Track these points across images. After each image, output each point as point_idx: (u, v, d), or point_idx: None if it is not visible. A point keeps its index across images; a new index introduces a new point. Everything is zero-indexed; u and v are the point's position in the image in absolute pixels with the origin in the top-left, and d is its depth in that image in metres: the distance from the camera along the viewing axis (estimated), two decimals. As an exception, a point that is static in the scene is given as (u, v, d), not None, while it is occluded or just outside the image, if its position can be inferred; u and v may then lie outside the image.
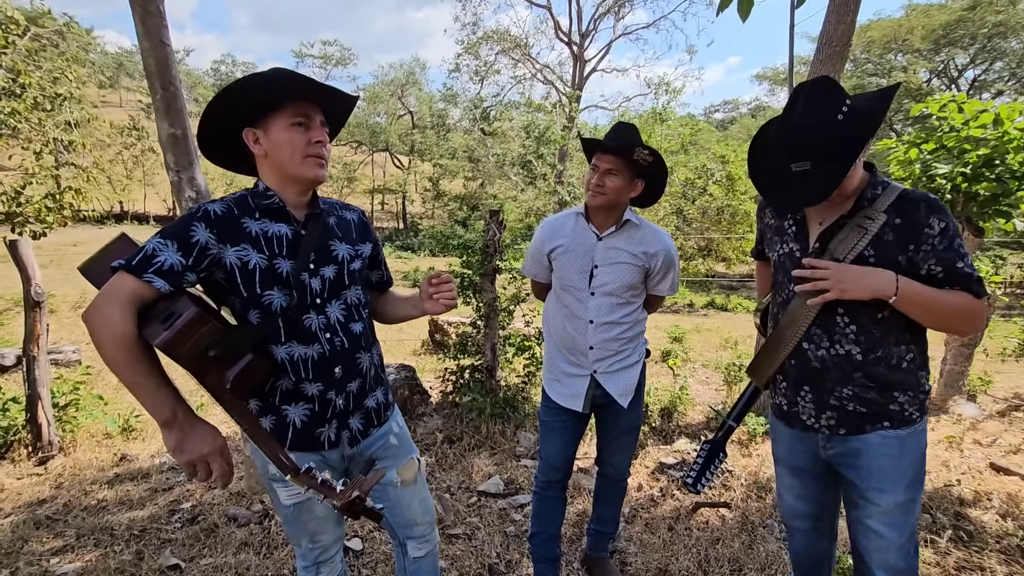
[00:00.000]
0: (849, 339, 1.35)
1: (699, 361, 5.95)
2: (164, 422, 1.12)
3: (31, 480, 3.14)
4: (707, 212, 15.56)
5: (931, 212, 1.25)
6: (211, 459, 1.16)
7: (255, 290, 1.22)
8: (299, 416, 1.31)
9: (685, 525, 2.58)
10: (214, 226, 1.19)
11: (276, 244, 1.26)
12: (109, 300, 1.09)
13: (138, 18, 2.11)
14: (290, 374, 1.28)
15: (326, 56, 33.93)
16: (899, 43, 24.50)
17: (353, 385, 1.37)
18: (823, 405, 1.41)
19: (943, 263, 1.25)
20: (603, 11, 25.96)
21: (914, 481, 1.37)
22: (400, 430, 1.53)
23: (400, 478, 1.49)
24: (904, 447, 1.35)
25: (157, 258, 1.12)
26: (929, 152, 3.84)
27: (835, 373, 1.38)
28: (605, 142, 1.76)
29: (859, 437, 1.38)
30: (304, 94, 1.23)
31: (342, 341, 1.33)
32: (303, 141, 1.24)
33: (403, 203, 32.77)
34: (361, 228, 1.46)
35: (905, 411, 1.35)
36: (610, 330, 1.90)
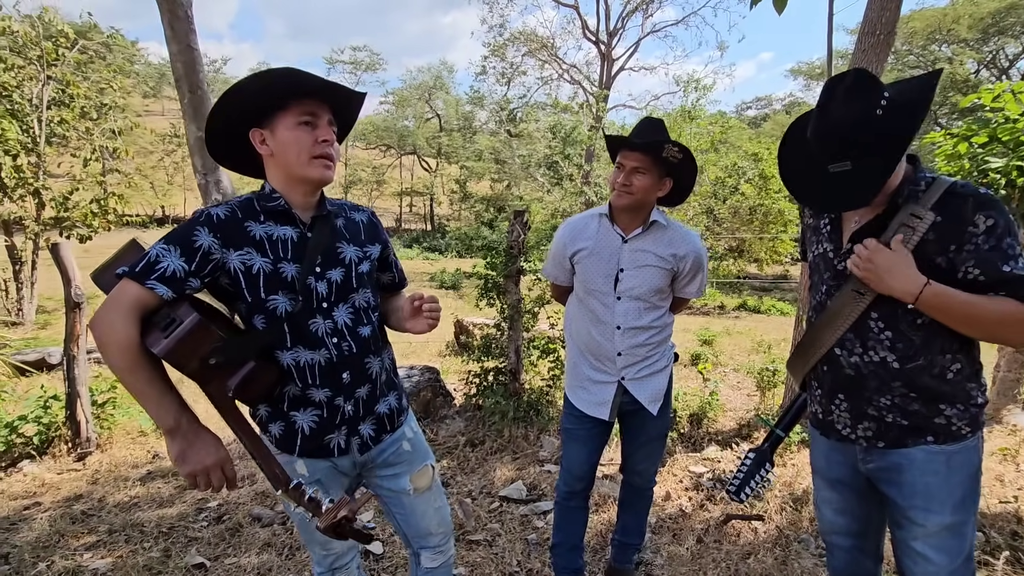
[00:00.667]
0: (884, 345, 1.24)
1: (730, 365, 5.77)
2: (168, 430, 1.12)
3: (70, 475, 3.25)
4: (738, 212, 15.15)
5: (979, 208, 1.12)
6: (213, 471, 1.15)
7: (259, 295, 1.21)
8: (308, 422, 1.29)
9: (715, 537, 2.47)
10: (217, 230, 1.18)
11: (281, 247, 1.24)
12: (112, 308, 1.09)
13: (166, 22, 2.14)
14: (296, 380, 1.26)
15: (356, 61, 34.52)
16: (944, 33, 23.42)
17: (362, 391, 1.34)
18: (860, 415, 1.31)
19: (985, 265, 1.12)
20: (631, 9, 25.66)
21: (965, 501, 1.24)
22: (414, 435, 1.49)
23: (413, 486, 1.45)
24: (952, 464, 1.23)
25: (160, 264, 1.12)
26: (980, 145, 3.62)
27: (872, 381, 1.27)
28: (632, 139, 1.69)
29: (900, 451, 1.26)
30: (310, 92, 1.21)
31: (350, 345, 1.31)
32: (309, 140, 1.21)
33: (431, 205, 33.06)
34: (370, 229, 1.43)
35: (953, 425, 1.22)
36: (638, 335, 1.83)
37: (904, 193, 1.22)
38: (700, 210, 15.15)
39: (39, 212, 8.68)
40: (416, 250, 24.61)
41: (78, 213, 9.04)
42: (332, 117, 1.27)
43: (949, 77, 21.61)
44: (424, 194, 32.86)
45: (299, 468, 1.33)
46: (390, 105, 34.09)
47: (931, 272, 1.16)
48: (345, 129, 1.38)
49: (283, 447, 1.31)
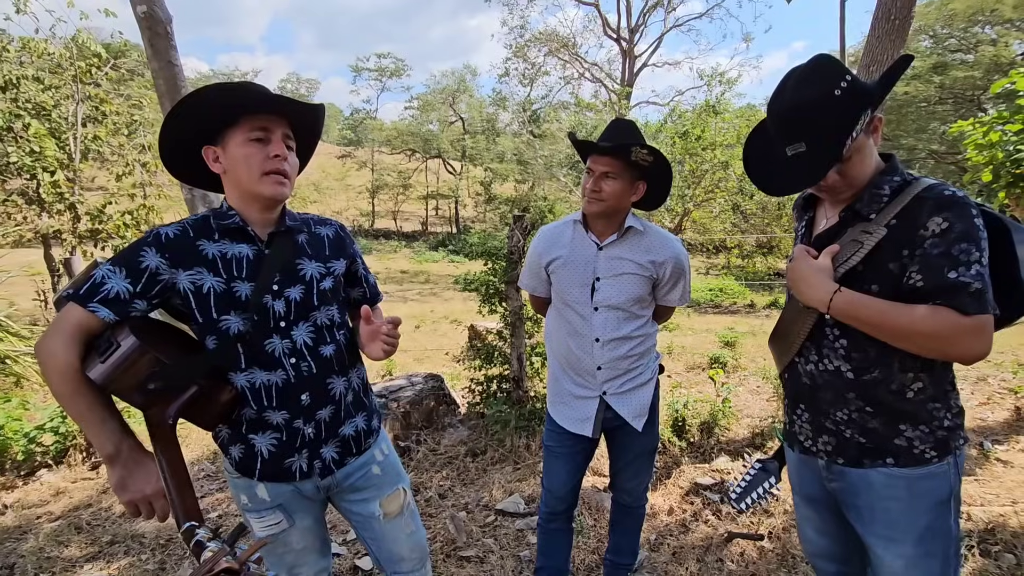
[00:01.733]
0: (839, 354, 1.19)
1: (751, 368, 5.56)
2: (107, 457, 1.09)
3: (82, 484, 3.33)
4: (767, 207, 14.70)
5: (936, 210, 1.05)
6: (154, 499, 1.11)
7: (211, 315, 1.17)
8: (266, 446, 1.25)
9: (717, 557, 2.35)
10: (166, 250, 1.15)
11: (235, 266, 1.20)
12: (54, 332, 1.07)
13: (146, 40, 2.16)
14: (252, 403, 1.22)
15: (381, 68, 35.02)
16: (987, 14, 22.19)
17: (324, 412, 1.29)
18: (819, 428, 1.25)
19: (927, 271, 1.04)
20: (653, 4, 25.24)
21: (930, 532, 1.14)
22: (385, 458, 1.44)
23: (383, 511, 1.40)
24: (916, 491, 1.14)
25: (104, 286, 1.09)
26: (1015, 133, 3.37)
27: (827, 392, 1.22)
28: (599, 143, 1.61)
29: (859, 472, 1.19)
30: (260, 106, 1.17)
31: (310, 366, 1.26)
32: (260, 156, 1.17)
33: (456, 208, 33.24)
34: (336, 243, 1.37)
35: (915, 448, 1.14)
36: (618, 347, 1.74)
37: (864, 198, 1.16)
38: (727, 206, 14.77)
39: (75, 225, 9.08)
40: (442, 253, 24.77)
41: (112, 225, 9.42)
42: (289, 131, 1.23)
43: (993, 60, 20.47)
44: (449, 197, 33.05)
45: (260, 492, 1.29)
46: (415, 110, 34.45)
47: (884, 281, 1.10)
48: (309, 142, 1.34)
49: (243, 471, 1.28)
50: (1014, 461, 3.14)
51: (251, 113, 1.16)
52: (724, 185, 14.24)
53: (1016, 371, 4.74)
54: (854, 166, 1.14)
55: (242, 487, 1.29)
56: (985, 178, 3.55)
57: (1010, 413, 3.90)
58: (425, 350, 6.83)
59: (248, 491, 1.29)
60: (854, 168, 1.14)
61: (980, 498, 2.74)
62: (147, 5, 2.13)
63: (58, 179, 8.75)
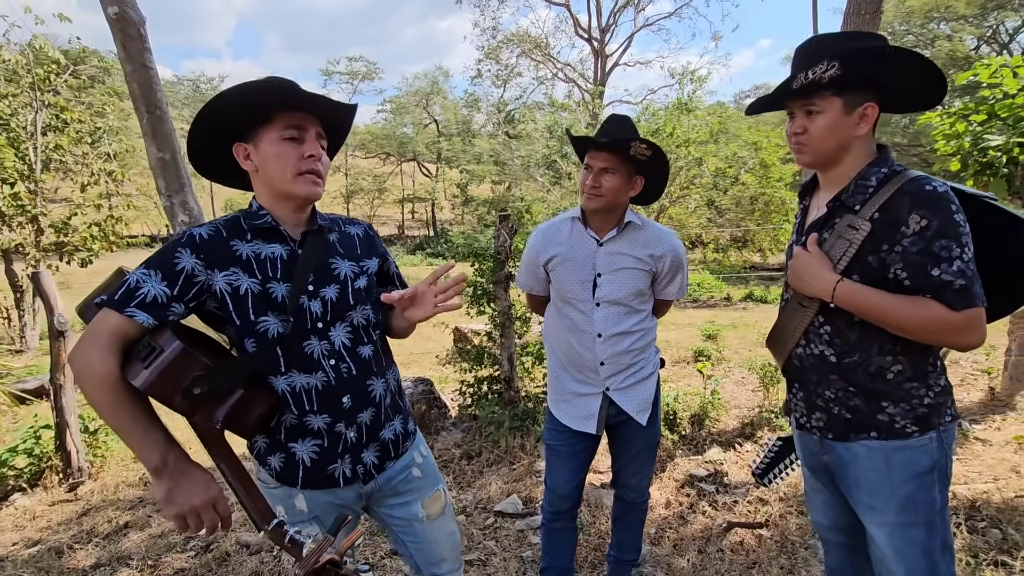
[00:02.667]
0: (823, 339, 1.26)
1: (734, 360, 5.65)
2: (153, 470, 1.04)
3: (61, 507, 3.20)
4: (740, 202, 14.99)
5: (914, 207, 1.09)
6: (204, 510, 1.07)
7: (248, 317, 1.14)
8: (308, 453, 1.21)
9: (717, 547, 2.37)
10: (200, 251, 1.11)
11: (270, 266, 1.16)
12: (90, 340, 1.02)
13: (119, 42, 2.08)
14: (292, 407, 1.18)
15: (352, 72, 34.61)
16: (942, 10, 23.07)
17: (365, 415, 1.25)
18: (811, 405, 1.33)
19: (911, 269, 1.09)
20: (622, 4, 25.53)
21: (911, 503, 1.19)
22: (424, 460, 1.41)
23: (426, 512, 1.37)
24: (892, 461, 1.21)
25: (140, 290, 1.05)
26: (979, 123, 3.49)
27: (812, 374, 1.30)
28: (597, 138, 1.60)
29: (845, 445, 1.27)
30: (295, 104, 1.14)
31: (349, 367, 1.22)
32: (295, 156, 1.14)
33: (432, 211, 33.07)
34: (366, 242, 1.35)
35: (896, 423, 1.20)
36: (620, 342, 1.73)
37: (851, 188, 1.20)
38: (702, 202, 15.00)
39: (38, 238, 8.72)
40: (420, 256, 24.60)
41: (78, 237, 9.08)
42: (321, 130, 1.20)
43: (949, 55, 21.26)
44: (426, 200, 32.86)
45: (299, 503, 1.25)
46: (388, 113, 34.14)
47: (863, 271, 1.16)
48: (336, 142, 1.32)
49: (284, 480, 1.23)
50: (992, 440, 3.25)
51: (285, 111, 1.14)
52: (699, 181, 14.47)
53: (989, 352, 4.91)
54: (818, 125, 1.19)
55: (280, 497, 1.25)
56: (953, 167, 3.66)
57: (984, 394, 4.04)
58: (411, 354, 6.76)
59: (286, 502, 1.25)
60: (817, 127, 1.19)
61: (963, 476, 2.82)
62: (119, 6, 2.05)
63: (19, 191, 8.41)
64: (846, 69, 1.12)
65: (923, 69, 1.15)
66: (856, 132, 1.19)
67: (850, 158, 1.22)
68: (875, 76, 1.16)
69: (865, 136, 1.20)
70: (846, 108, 1.17)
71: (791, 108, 1.26)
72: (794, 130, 1.24)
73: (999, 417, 3.56)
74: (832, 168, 1.26)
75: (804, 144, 1.23)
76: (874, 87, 1.17)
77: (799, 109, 1.23)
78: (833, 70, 1.12)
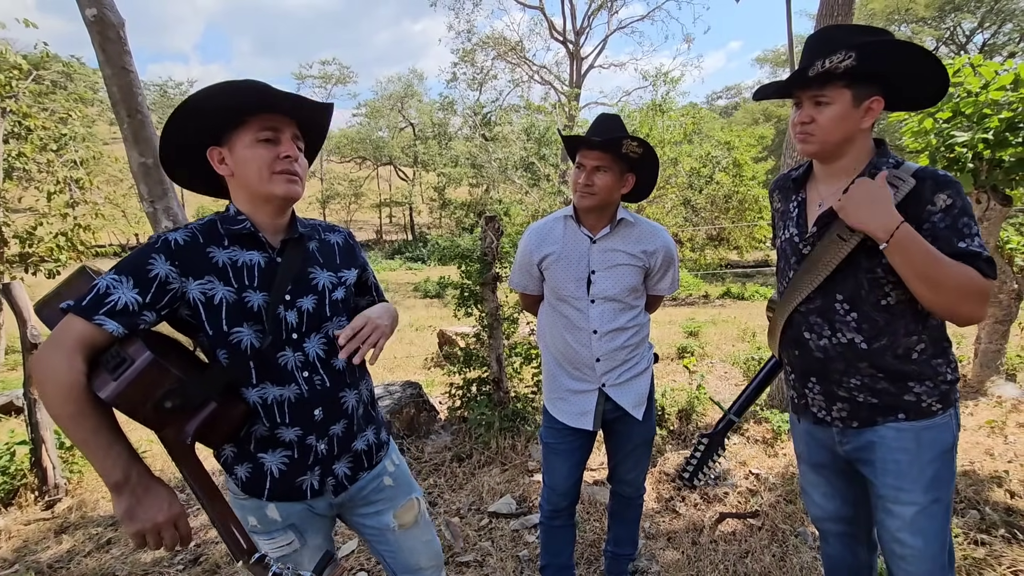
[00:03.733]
0: (851, 327, 1.26)
1: (716, 356, 5.75)
2: (114, 485, 1.00)
3: (37, 526, 3.08)
4: (715, 201, 15.27)
5: (938, 188, 1.15)
6: (164, 528, 1.03)
7: (222, 327, 1.10)
8: (277, 464, 1.19)
9: (710, 538, 2.41)
10: (176, 258, 1.08)
11: (247, 274, 1.13)
12: (54, 347, 0.98)
13: (97, 45, 2.03)
14: (264, 419, 1.15)
15: (326, 75, 34.22)
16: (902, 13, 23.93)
17: (337, 427, 1.23)
18: (832, 396, 1.32)
19: (941, 242, 1.13)
20: (596, 7, 25.80)
21: (936, 481, 1.23)
22: (396, 469, 1.40)
23: (398, 522, 1.36)
24: (922, 441, 1.23)
25: (110, 297, 1.01)
26: (945, 120, 3.63)
27: (839, 363, 1.28)
28: (589, 137, 1.62)
29: (872, 430, 1.27)
30: (269, 106, 1.11)
31: (323, 379, 1.20)
32: (270, 157, 1.11)
33: (410, 214, 32.86)
34: (346, 252, 1.33)
35: (923, 402, 1.23)
36: (616, 338, 1.76)
37: (865, 174, 1.23)
38: (678, 201, 15.24)
39: (1, 250, 8.40)
40: (399, 261, 24.41)
41: (44, 248, 8.76)
42: (297, 132, 1.17)
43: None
44: (403, 204, 32.63)
45: (270, 513, 1.23)
46: (363, 117, 33.83)
47: None
48: (314, 143, 1.29)
49: (251, 491, 1.21)
50: (966, 424, 3.38)
51: (258, 113, 1.11)
52: (674, 181, 14.70)
53: (959, 342, 5.10)
54: (826, 116, 1.20)
55: (250, 508, 1.22)
56: (922, 163, 3.81)
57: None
58: (395, 359, 6.71)
59: (257, 512, 1.23)
60: (825, 117, 1.20)
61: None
62: (97, 8, 2.00)
63: (-21, 201, 8.09)
64: (862, 61, 1.14)
65: (931, 66, 1.18)
66: (861, 125, 1.21)
67: (853, 151, 1.25)
68: (887, 70, 1.18)
69: (867, 130, 1.24)
70: (855, 100, 1.19)
71: (799, 97, 1.25)
72: (801, 119, 1.24)
73: (971, 403, 3.70)
74: (835, 160, 1.27)
75: (811, 134, 1.23)
76: (881, 82, 1.20)
77: (808, 99, 1.23)
78: (849, 60, 1.13)
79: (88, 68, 26.85)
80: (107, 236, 20.55)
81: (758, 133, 17.06)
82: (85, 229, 9.20)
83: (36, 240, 8.70)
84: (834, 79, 1.18)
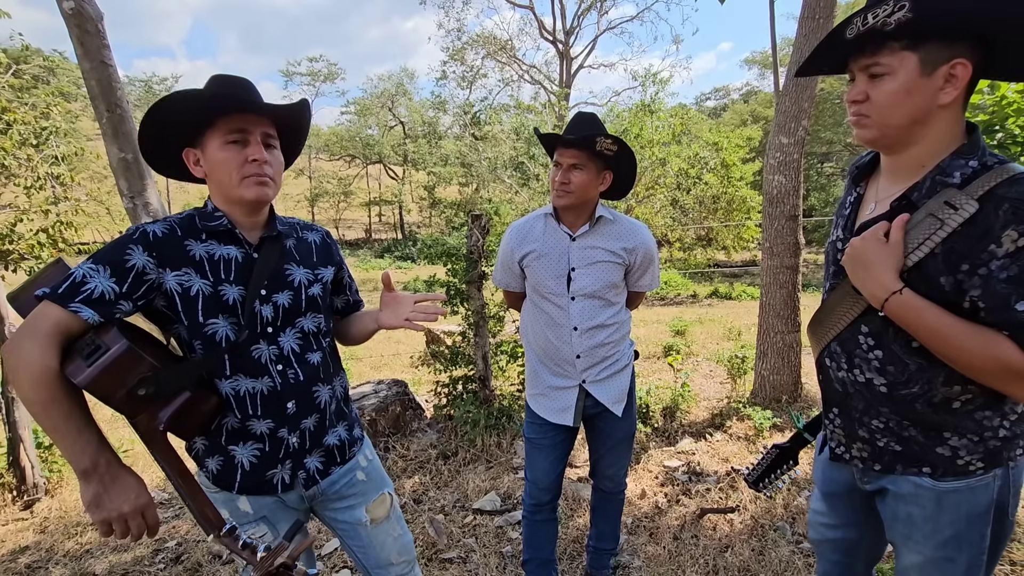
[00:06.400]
0: (872, 366, 1.02)
1: (703, 354, 5.80)
2: (82, 472, 1.01)
3: (15, 526, 3.04)
4: (703, 201, 15.39)
5: (1013, 220, 0.81)
6: (131, 517, 1.04)
7: (197, 319, 1.12)
8: (248, 457, 1.20)
9: (692, 533, 2.44)
10: (153, 248, 1.09)
11: (223, 268, 1.15)
12: (28, 333, 0.98)
13: (75, 38, 2.01)
14: (236, 411, 1.17)
15: (314, 73, 33.94)
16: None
17: (309, 421, 1.25)
18: (852, 435, 1.11)
19: (993, 300, 0.84)
20: (586, 7, 25.88)
21: (955, 541, 1.01)
22: (369, 464, 1.41)
23: (370, 516, 1.37)
24: (944, 504, 1.00)
25: (87, 285, 1.02)
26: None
27: (858, 402, 1.07)
28: (564, 135, 1.64)
29: (891, 478, 1.07)
30: (235, 108, 1.12)
31: (296, 373, 1.22)
32: (238, 160, 1.13)
33: (400, 213, 32.74)
34: (323, 250, 1.35)
35: (959, 459, 0.98)
36: (596, 335, 1.78)
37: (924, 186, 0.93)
38: (666, 201, 15.33)
39: (-20, 247, 8.25)
40: (388, 260, 24.31)
41: (24, 245, 8.62)
42: (271, 130, 1.18)
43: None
44: (392, 202, 32.50)
45: (242, 506, 1.23)
46: (352, 115, 33.62)
47: (933, 296, 0.91)
48: (295, 141, 1.30)
49: (221, 484, 1.22)
50: None
51: (224, 115, 1.12)
52: (663, 181, 14.79)
53: None
54: (883, 91, 0.91)
55: (221, 501, 1.23)
56: None
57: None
58: (382, 356, 6.69)
59: (229, 504, 1.24)
60: (882, 93, 0.91)
61: None
62: (74, 1, 1.98)
63: (-43, 197, 7.93)
64: (921, 11, 0.82)
65: None
66: (939, 100, 0.89)
67: (928, 138, 0.93)
68: (968, 20, 0.83)
69: (951, 107, 0.90)
70: (923, 67, 0.87)
71: (850, 68, 0.96)
72: (853, 97, 0.96)
73: None
74: (903, 149, 0.96)
75: (865, 115, 0.94)
76: (968, 37, 0.86)
77: (859, 69, 0.94)
78: (902, 12, 0.82)
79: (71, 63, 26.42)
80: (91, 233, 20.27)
81: (746, 134, 17.20)
82: (67, 226, 9.07)
83: (16, 237, 8.56)
84: (889, 40, 0.87)
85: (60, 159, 10.03)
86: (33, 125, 9.46)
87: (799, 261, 3.75)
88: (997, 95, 3.23)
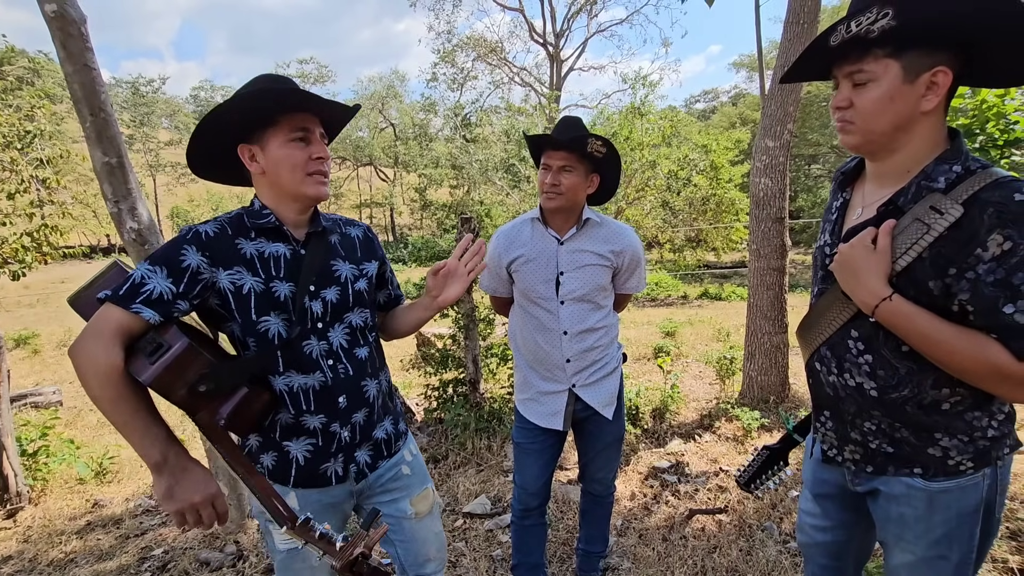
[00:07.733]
0: (862, 371, 1.04)
1: (692, 355, 5.84)
2: (154, 466, 1.04)
3: (0, 535, 2.99)
4: (693, 203, 15.49)
5: (999, 223, 0.83)
6: (202, 507, 1.07)
7: (251, 316, 1.15)
8: (302, 452, 1.23)
9: (680, 534, 2.45)
10: (206, 248, 1.12)
11: (273, 265, 1.18)
12: (93, 335, 1.02)
13: (58, 42, 1.99)
14: (289, 407, 1.20)
15: (303, 75, 33.78)
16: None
17: (359, 415, 1.28)
18: (844, 437, 1.13)
19: (981, 302, 0.86)
20: (576, 10, 26.00)
21: (946, 539, 1.03)
22: (413, 458, 1.44)
23: (415, 510, 1.39)
24: (936, 504, 1.02)
25: (146, 286, 1.05)
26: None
27: (849, 406, 1.09)
28: (555, 137, 1.65)
29: (883, 479, 1.09)
30: (301, 106, 1.16)
31: (346, 368, 1.25)
32: (303, 157, 1.16)
33: (391, 215, 32.65)
34: (366, 245, 1.38)
35: (950, 459, 1.00)
36: (586, 338, 1.78)
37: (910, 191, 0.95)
38: (656, 203, 15.42)
39: (-38, 251, 8.11)
40: (379, 262, 24.20)
41: (8, 249, 8.49)
42: (323, 130, 1.22)
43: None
44: (384, 205, 32.41)
45: (290, 502, 1.25)
46: (342, 117, 33.43)
47: (922, 300, 0.93)
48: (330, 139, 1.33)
49: (276, 478, 1.24)
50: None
51: (290, 113, 1.15)
52: (653, 183, 14.87)
53: None
54: (867, 98, 0.93)
55: None
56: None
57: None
58: (372, 361, 6.66)
59: None
60: (866, 100, 0.93)
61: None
62: (57, 4, 1.96)
63: (-62, 201, 7.80)
64: (904, 18, 0.83)
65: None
66: (921, 107, 0.91)
67: (912, 144, 0.95)
68: (951, 28, 0.86)
69: (933, 113, 0.93)
70: (906, 74, 0.89)
71: (835, 74, 0.99)
72: (837, 103, 0.98)
73: None
74: (887, 155, 0.99)
75: (850, 121, 0.97)
76: (950, 45, 0.88)
77: (843, 76, 0.96)
78: (886, 20, 0.84)
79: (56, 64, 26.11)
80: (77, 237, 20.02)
81: (735, 137, 17.34)
82: (52, 230, 8.95)
83: (1, 241, 8.42)
84: (872, 47, 0.89)
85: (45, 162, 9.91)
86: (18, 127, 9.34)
87: (786, 263, 3.79)
88: (977, 99, 3.29)
